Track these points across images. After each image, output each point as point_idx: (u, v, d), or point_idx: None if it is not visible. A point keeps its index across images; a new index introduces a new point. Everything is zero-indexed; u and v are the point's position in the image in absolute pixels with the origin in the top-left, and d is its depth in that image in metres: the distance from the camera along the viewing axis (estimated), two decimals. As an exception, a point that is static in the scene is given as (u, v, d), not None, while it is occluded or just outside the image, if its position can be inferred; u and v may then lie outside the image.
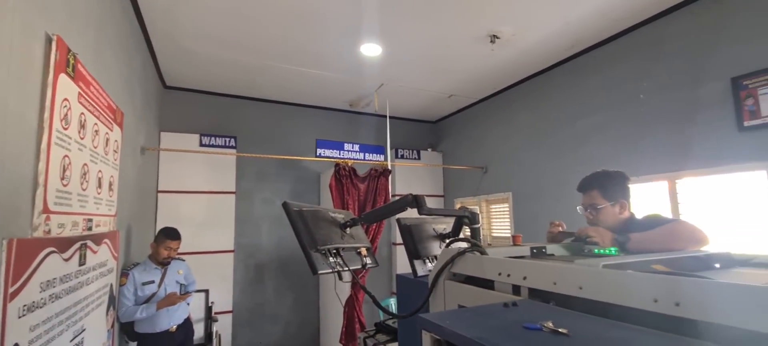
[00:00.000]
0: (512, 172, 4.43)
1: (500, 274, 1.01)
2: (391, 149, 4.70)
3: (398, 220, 1.65)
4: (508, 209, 4.46)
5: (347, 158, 4.27)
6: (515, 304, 0.87)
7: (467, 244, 1.26)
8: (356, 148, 4.57)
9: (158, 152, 4.03)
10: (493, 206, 4.86)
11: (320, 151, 4.36)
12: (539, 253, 1.39)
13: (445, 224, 1.77)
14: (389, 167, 4.31)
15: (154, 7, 2.84)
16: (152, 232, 3.71)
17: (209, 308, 3.97)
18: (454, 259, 1.19)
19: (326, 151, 4.38)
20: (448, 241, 1.60)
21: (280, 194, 4.80)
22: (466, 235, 1.52)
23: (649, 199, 2.96)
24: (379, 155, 4.64)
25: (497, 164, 4.69)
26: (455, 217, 1.57)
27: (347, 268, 1.31)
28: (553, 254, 1.43)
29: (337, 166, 4.00)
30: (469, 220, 1.47)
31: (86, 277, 1.84)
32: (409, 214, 1.59)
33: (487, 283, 1.07)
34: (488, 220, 4.92)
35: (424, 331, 0.77)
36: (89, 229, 1.88)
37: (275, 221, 4.72)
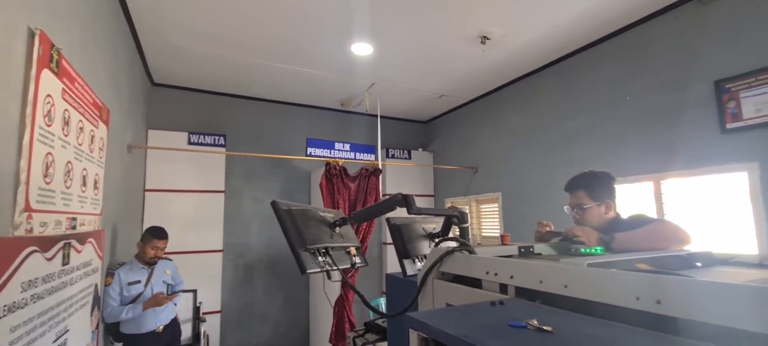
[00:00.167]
0: (502, 172, 4.46)
1: (488, 273, 1.02)
2: (382, 149, 4.70)
3: (388, 219, 1.65)
4: (497, 209, 4.50)
5: (338, 158, 4.26)
6: (502, 302, 0.88)
7: (456, 243, 1.26)
8: (347, 147, 4.56)
9: (146, 150, 3.97)
10: (483, 206, 4.89)
11: (311, 150, 4.34)
12: (527, 252, 1.41)
13: (434, 224, 1.78)
14: (380, 167, 4.31)
15: (141, 2, 2.80)
16: (139, 231, 3.65)
17: (197, 308, 3.92)
18: (442, 258, 1.19)
19: (317, 150, 4.37)
20: (437, 240, 1.61)
21: (270, 193, 4.76)
22: (455, 234, 1.53)
23: (635, 199, 3.01)
24: (369, 155, 4.64)
25: (487, 164, 4.72)
26: (444, 216, 1.58)
27: (336, 267, 1.31)
28: (540, 254, 1.45)
29: (327, 165, 3.98)
30: (458, 219, 1.48)
31: (70, 277, 1.81)
32: (398, 213, 1.59)
33: (475, 282, 1.08)
34: (478, 220, 4.95)
35: (411, 329, 0.77)
36: (73, 228, 1.85)
37: (265, 221, 4.68)
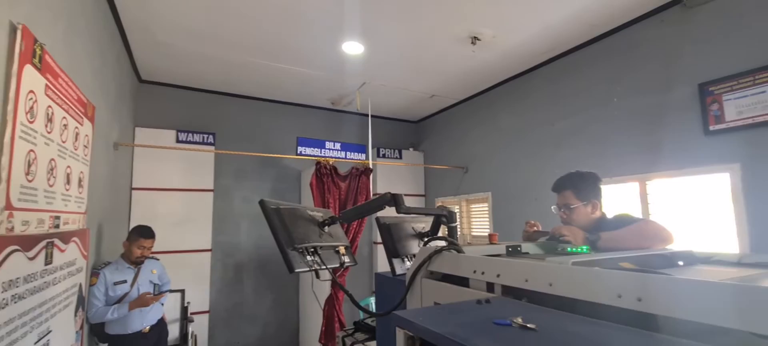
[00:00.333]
0: (492, 172, 4.50)
1: (475, 272, 1.03)
2: (372, 148, 4.70)
3: (377, 219, 1.66)
4: (487, 209, 4.53)
5: (328, 157, 4.25)
6: (488, 301, 0.89)
7: (444, 242, 1.27)
8: (338, 146, 4.55)
9: (133, 148, 3.91)
10: (473, 206, 4.92)
11: (301, 149, 4.32)
12: (514, 251, 1.42)
13: (424, 223, 1.78)
14: (371, 166, 4.31)
15: (128, -2, 2.76)
16: (125, 230, 3.59)
17: (185, 309, 3.88)
18: (431, 257, 1.20)
19: (307, 149, 4.35)
20: (425, 239, 1.61)
21: (259, 192, 4.71)
22: (444, 233, 1.54)
23: (622, 199, 3.06)
24: (360, 154, 4.64)
25: (477, 164, 4.75)
26: (433, 216, 1.59)
27: (325, 266, 1.31)
28: (527, 253, 1.46)
29: (318, 164, 3.97)
30: (446, 219, 1.49)
31: (53, 276, 1.77)
32: (388, 213, 1.60)
33: (463, 281, 1.09)
34: (468, 219, 4.98)
35: (397, 328, 0.77)
36: (56, 227, 1.81)
37: (254, 220, 4.64)
